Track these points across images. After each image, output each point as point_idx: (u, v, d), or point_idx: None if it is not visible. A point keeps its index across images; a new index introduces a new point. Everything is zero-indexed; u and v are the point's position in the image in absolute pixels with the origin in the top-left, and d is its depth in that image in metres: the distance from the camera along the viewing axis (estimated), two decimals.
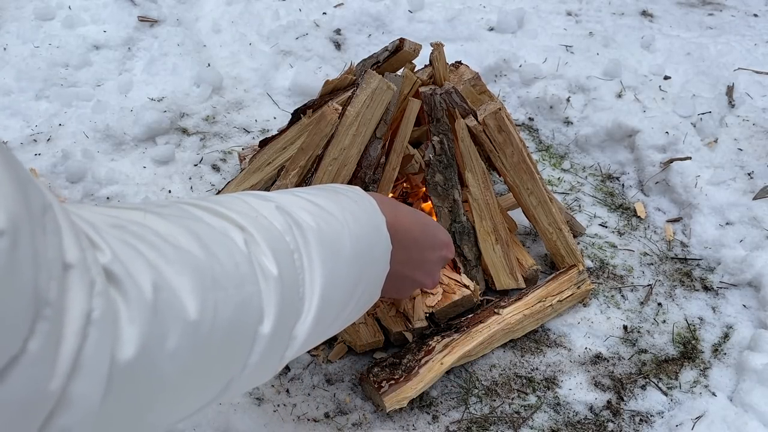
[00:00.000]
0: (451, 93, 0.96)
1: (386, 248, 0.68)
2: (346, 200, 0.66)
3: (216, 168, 1.26)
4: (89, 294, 0.34)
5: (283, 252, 0.52)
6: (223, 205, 0.53)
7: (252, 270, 0.49)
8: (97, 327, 0.34)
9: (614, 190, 1.30)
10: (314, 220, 0.58)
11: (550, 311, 1.03)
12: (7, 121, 1.30)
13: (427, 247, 0.78)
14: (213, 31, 1.55)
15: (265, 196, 0.58)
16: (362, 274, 0.63)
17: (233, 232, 0.50)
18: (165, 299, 0.40)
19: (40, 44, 1.46)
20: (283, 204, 0.57)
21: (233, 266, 0.47)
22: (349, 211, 0.63)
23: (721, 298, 1.11)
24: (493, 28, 1.61)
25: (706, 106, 1.40)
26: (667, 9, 1.78)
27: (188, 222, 0.47)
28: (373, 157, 0.92)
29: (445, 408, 0.93)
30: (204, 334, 0.42)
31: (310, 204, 0.60)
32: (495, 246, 1.02)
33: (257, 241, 0.51)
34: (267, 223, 0.53)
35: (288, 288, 0.52)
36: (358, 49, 1.54)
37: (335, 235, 0.59)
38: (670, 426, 0.92)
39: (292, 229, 0.55)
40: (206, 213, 0.50)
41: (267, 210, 0.55)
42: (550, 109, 1.43)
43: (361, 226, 0.64)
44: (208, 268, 0.45)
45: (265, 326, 0.49)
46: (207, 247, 0.46)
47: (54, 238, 0.33)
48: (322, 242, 0.57)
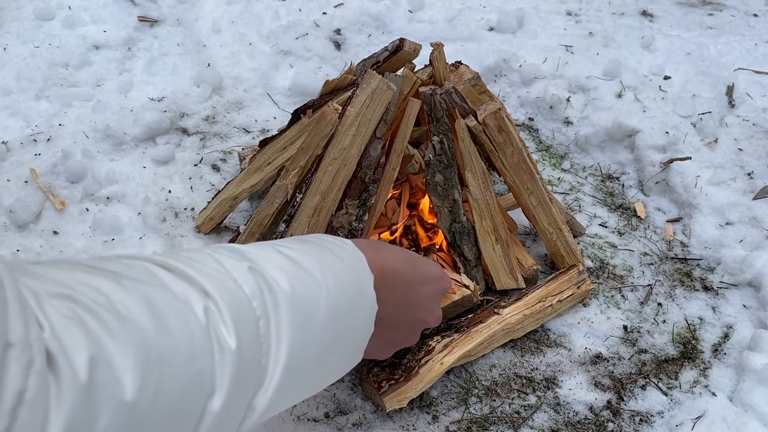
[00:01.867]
0: (451, 93, 0.96)
1: (370, 309, 0.65)
2: (331, 257, 0.63)
3: (216, 168, 1.26)
4: (25, 373, 0.33)
5: (246, 320, 0.50)
6: (192, 266, 0.51)
7: (208, 342, 0.47)
8: (28, 408, 0.33)
9: (614, 190, 1.30)
10: (289, 282, 0.55)
11: (550, 311, 1.03)
12: (7, 121, 1.30)
13: (419, 283, 0.75)
14: (213, 31, 1.55)
15: (242, 253, 0.56)
16: (339, 337, 0.61)
17: (195, 299, 0.48)
18: (101, 378, 0.38)
19: (40, 44, 1.46)
20: (257, 263, 0.55)
21: (186, 338, 0.45)
22: (330, 271, 0.61)
23: (721, 298, 1.11)
24: (493, 28, 1.61)
25: (706, 106, 1.40)
26: (667, 9, 1.78)
27: (147, 288, 0.46)
28: (373, 157, 0.92)
29: (445, 408, 0.93)
30: (141, 413, 0.41)
31: (288, 262, 0.58)
32: (495, 246, 1.02)
33: (220, 309, 0.49)
34: (235, 287, 0.51)
35: (247, 360, 0.50)
36: (358, 49, 1.54)
37: (310, 298, 0.57)
38: (670, 426, 0.92)
39: (263, 293, 0.53)
40: (171, 276, 0.49)
41: (238, 271, 0.53)
42: (550, 109, 1.43)
43: (343, 287, 0.61)
44: (156, 342, 0.43)
45: (216, 401, 0.47)
46: (161, 318, 0.44)
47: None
48: (293, 307, 0.54)
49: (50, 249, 1.08)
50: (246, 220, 1.15)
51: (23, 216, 1.10)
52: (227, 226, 1.16)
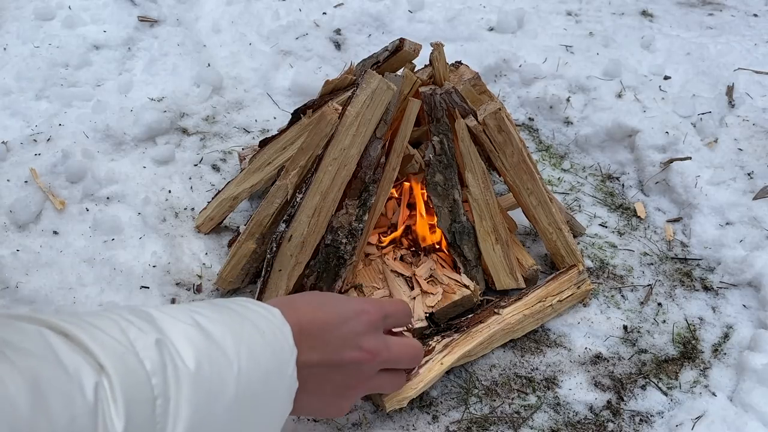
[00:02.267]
0: (451, 93, 0.96)
1: (289, 387, 0.62)
2: (251, 331, 0.59)
3: (216, 168, 1.26)
4: None
5: (140, 401, 0.48)
6: (94, 335, 0.48)
7: (92, 424, 0.44)
8: None
9: (614, 190, 1.30)
10: (196, 358, 0.53)
11: (550, 311, 1.03)
12: (7, 121, 1.30)
13: (339, 323, 0.70)
14: (213, 31, 1.55)
15: (152, 320, 0.53)
16: (247, 419, 0.58)
17: (86, 375, 0.45)
18: None
19: (40, 44, 1.46)
20: (167, 334, 0.52)
21: (66, 421, 0.43)
22: (246, 347, 0.58)
23: (721, 298, 1.11)
24: (493, 28, 1.61)
25: (706, 106, 1.40)
26: (667, 9, 1.78)
27: (35, 363, 0.43)
28: (373, 157, 0.92)
29: (445, 408, 0.93)
30: None
31: (200, 335, 0.55)
32: (495, 246, 1.02)
33: (113, 387, 0.46)
34: (134, 362, 0.49)
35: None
36: (358, 49, 1.54)
37: (217, 378, 0.54)
38: (670, 426, 0.92)
39: (165, 370, 0.50)
40: (67, 346, 0.46)
41: (143, 343, 0.50)
42: (550, 109, 1.43)
43: (258, 366, 0.58)
44: (29, 425, 0.40)
45: None
46: (41, 398, 0.42)
47: None
48: (197, 387, 0.52)
49: (50, 249, 1.08)
50: (246, 220, 1.15)
51: (23, 216, 1.10)
52: (227, 226, 1.16)
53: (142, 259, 1.07)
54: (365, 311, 0.73)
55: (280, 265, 0.95)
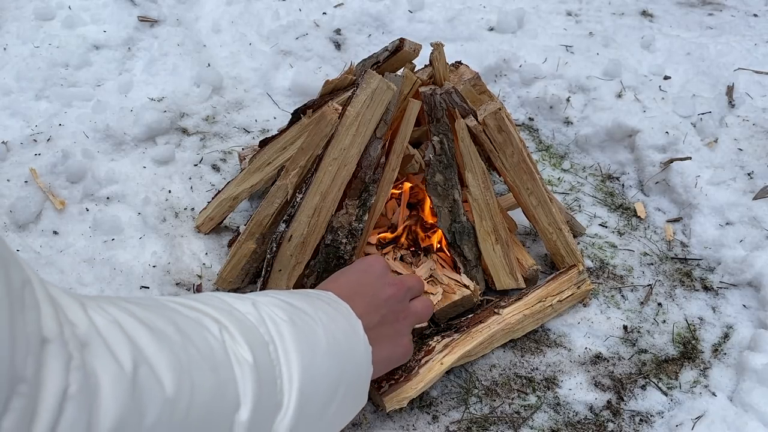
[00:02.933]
0: (451, 93, 0.96)
1: (365, 349, 0.69)
2: (319, 302, 0.67)
3: (216, 168, 1.26)
4: (66, 369, 0.34)
5: (257, 343, 0.53)
6: (198, 300, 0.54)
7: (227, 357, 0.49)
8: (74, 402, 0.34)
9: (614, 190, 1.30)
10: (287, 315, 0.59)
11: (550, 311, 1.03)
12: (7, 121, 1.30)
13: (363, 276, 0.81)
14: (213, 31, 1.55)
15: (240, 295, 0.60)
16: (343, 370, 0.63)
17: (208, 322, 0.51)
18: (144, 375, 0.40)
19: (40, 44, 1.46)
20: (257, 301, 0.59)
21: (208, 350, 0.47)
22: (322, 311, 0.65)
23: (721, 298, 1.11)
24: (493, 28, 1.61)
25: (706, 106, 1.40)
26: (667, 9, 1.78)
27: (165, 311, 0.48)
28: (373, 157, 0.92)
29: (445, 408, 0.93)
30: (181, 414, 0.42)
31: (282, 302, 0.61)
32: (495, 246, 1.02)
33: (231, 333, 0.51)
34: (241, 316, 0.54)
35: (264, 377, 0.52)
36: (358, 49, 1.54)
37: (309, 330, 0.60)
38: (670, 426, 0.92)
39: (266, 323, 0.56)
40: (181, 306, 0.51)
41: (241, 305, 0.56)
42: (550, 109, 1.43)
43: (336, 324, 0.65)
44: (184, 349, 0.45)
45: (242, 414, 0.48)
46: (183, 331, 0.46)
47: (32, 312, 0.33)
48: (296, 335, 0.57)
49: (50, 249, 1.08)
50: (246, 220, 1.15)
51: (23, 216, 1.10)
52: (227, 226, 1.16)
53: (142, 259, 1.08)
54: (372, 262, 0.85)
55: (280, 265, 0.95)
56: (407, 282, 0.85)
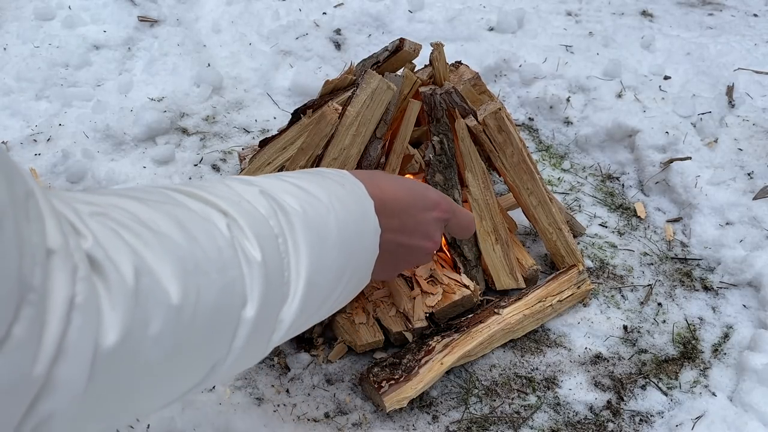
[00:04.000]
0: (451, 93, 0.96)
1: (374, 232, 0.67)
2: (333, 185, 0.65)
3: (216, 168, 1.26)
4: (72, 279, 0.34)
5: (266, 237, 0.52)
6: (207, 190, 0.52)
7: (235, 254, 0.48)
8: (81, 312, 0.34)
9: (614, 190, 1.30)
10: (299, 204, 0.58)
11: (550, 311, 1.03)
12: (7, 121, 1.30)
13: (418, 209, 0.76)
14: (213, 31, 1.55)
15: (250, 181, 0.58)
16: (350, 258, 0.63)
17: (216, 216, 0.50)
18: (146, 284, 0.40)
19: (40, 44, 1.46)
20: (267, 188, 0.57)
21: (215, 251, 0.47)
22: (335, 196, 0.63)
23: (721, 298, 1.11)
24: (493, 28, 1.61)
25: (706, 106, 1.40)
26: (667, 9, 1.78)
27: (169, 207, 0.47)
28: (373, 157, 0.92)
29: (445, 408, 0.93)
30: (187, 319, 0.42)
31: (295, 188, 0.60)
32: (495, 246, 1.02)
33: (240, 226, 0.50)
34: (250, 207, 0.53)
35: (272, 272, 0.51)
36: (358, 49, 1.54)
37: (321, 220, 0.59)
38: (670, 426, 0.92)
39: (277, 214, 0.55)
40: (189, 198, 0.50)
41: (251, 194, 0.55)
42: (550, 109, 1.43)
43: (348, 211, 0.64)
44: (189, 253, 0.44)
45: (249, 310, 0.48)
46: (188, 232, 0.46)
47: (37, 224, 0.33)
48: (307, 226, 0.57)
49: None
50: None
51: None
52: None
53: None
54: (441, 205, 0.78)
55: None
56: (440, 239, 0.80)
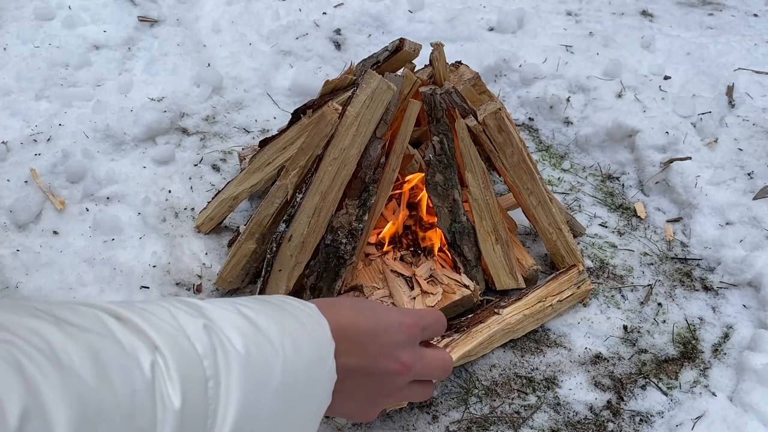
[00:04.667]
0: (451, 93, 0.96)
1: (329, 379, 0.64)
2: (292, 322, 0.61)
3: (216, 168, 1.26)
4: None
5: (195, 380, 0.49)
6: (144, 318, 0.50)
7: (151, 399, 0.46)
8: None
9: (614, 190, 1.30)
10: (244, 344, 0.54)
11: (550, 311, 1.03)
12: (7, 121, 1.30)
13: (380, 332, 0.70)
14: (213, 31, 1.55)
15: (199, 309, 0.55)
16: (292, 406, 0.60)
17: (143, 353, 0.47)
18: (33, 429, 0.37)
19: (40, 44, 1.46)
20: (214, 320, 0.54)
21: (128, 394, 0.44)
22: (289, 337, 0.59)
23: (721, 298, 1.11)
24: (493, 28, 1.61)
25: (706, 106, 1.40)
26: (667, 9, 1.78)
27: (93, 337, 0.45)
28: (373, 157, 0.92)
29: (445, 408, 0.93)
30: None
31: (246, 323, 0.57)
32: (495, 246, 1.02)
33: (168, 366, 0.48)
34: (187, 345, 0.50)
35: (190, 420, 0.49)
36: (358, 49, 1.54)
37: (265, 364, 0.56)
38: (670, 426, 0.92)
39: (216, 353, 0.52)
40: (121, 326, 0.48)
41: (193, 328, 0.52)
42: (550, 109, 1.42)
43: (301, 355, 0.60)
44: (95, 396, 0.42)
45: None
46: (104, 370, 0.43)
47: None
48: (246, 371, 0.53)
49: (50, 249, 1.08)
50: (246, 220, 1.15)
51: (23, 216, 1.10)
52: (227, 226, 1.16)
53: (142, 259, 1.07)
54: (405, 324, 0.73)
55: (280, 265, 0.95)
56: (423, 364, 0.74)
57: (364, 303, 0.74)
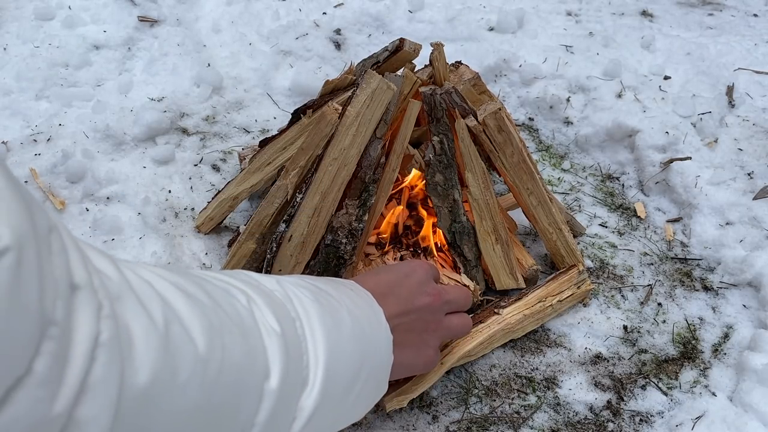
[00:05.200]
0: (451, 93, 0.96)
1: (387, 338, 0.68)
2: (343, 287, 0.67)
3: (216, 168, 1.26)
4: (96, 316, 0.33)
5: (284, 317, 0.53)
6: (225, 273, 0.54)
7: (255, 324, 0.49)
8: (106, 350, 0.33)
9: (614, 190, 1.30)
10: (313, 295, 0.59)
11: (550, 311, 1.03)
12: (7, 121, 1.30)
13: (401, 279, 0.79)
14: (213, 31, 1.55)
15: (265, 275, 0.60)
16: (366, 355, 0.63)
17: (236, 290, 0.51)
18: (176, 332, 0.40)
19: (40, 44, 1.46)
20: (282, 280, 0.59)
21: (237, 317, 0.47)
22: (347, 296, 0.65)
23: (721, 298, 1.11)
24: (493, 28, 1.61)
25: (706, 106, 1.40)
26: (667, 9, 1.78)
27: (192, 277, 0.48)
28: (373, 157, 0.92)
29: (445, 408, 0.93)
30: (213, 373, 0.42)
31: (307, 283, 0.61)
32: (495, 246, 1.02)
33: (259, 305, 0.51)
34: (268, 291, 0.54)
35: (291, 350, 0.52)
36: (358, 49, 1.54)
37: (335, 312, 0.60)
38: (670, 426, 0.92)
39: (292, 301, 0.56)
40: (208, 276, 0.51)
41: (267, 282, 0.56)
42: (550, 109, 1.42)
43: (361, 310, 0.65)
44: (215, 313, 0.45)
45: (272, 382, 0.48)
46: (212, 297, 0.46)
47: (60, 257, 0.33)
48: (323, 316, 0.57)
49: None
50: (246, 220, 1.15)
51: None
52: (227, 226, 1.16)
53: (142, 259, 1.07)
54: (419, 266, 0.82)
55: (280, 265, 0.95)
56: (448, 294, 0.82)
57: (377, 268, 0.83)
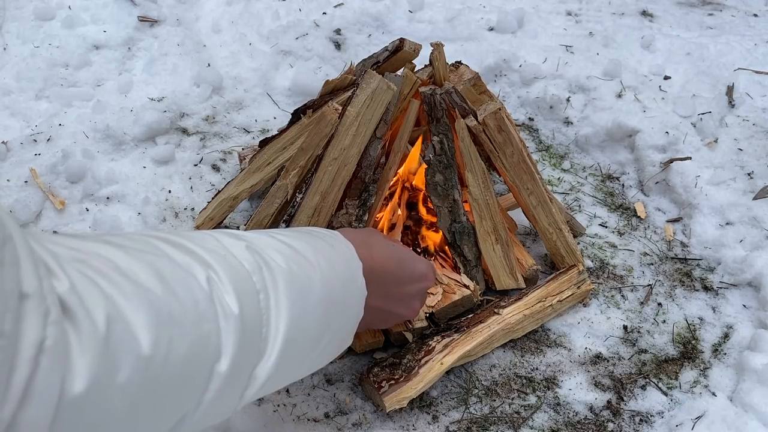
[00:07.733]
0: (451, 93, 0.96)
1: (360, 295, 0.69)
2: (323, 245, 0.66)
3: (216, 168, 1.26)
4: (43, 323, 0.34)
5: (247, 292, 0.52)
6: (193, 241, 0.53)
7: (212, 308, 0.49)
8: (49, 356, 0.34)
9: (614, 190, 1.30)
10: (285, 261, 0.58)
11: (550, 311, 1.03)
12: (7, 121, 1.30)
13: (404, 282, 0.79)
14: (213, 31, 1.55)
15: (238, 235, 0.58)
16: (332, 319, 0.63)
17: (196, 269, 0.50)
18: (118, 332, 0.40)
19: (40, 44, 1.46)
20: (254, 244, 0.57)
21: (192, 303, 0.47)
22: (323, 256, 0.64)
23: (721, 298, 1.11)
24: (493, 28, 1.61)
25: (706, 106, 1.40)
26: (667, 9, 1.78)
27: (151, 257, 0.47)
28: (373, 157, 0.92)
29: (445, 408, 0.93)
30: (156, 370, 0.42)
31: (282, 245, 0.60)
32: (495, 246, 1.02)
33: (221, 279, 0.51)
34: (235, 262, 0.53)
35: (249, 327, 0.52)
36: (358, 49, 1.54)
37: (306, 279, 0.59)
38: (670, 426, 0.92)
39: (261, 270, 0.55)
40: (173, 248, 0.51)
41: (237, 249, 0.55)
42: (550, 109, 1.43)
43: (335, 272, 0.64)
44: (165, 304, 0.45)
45: (222, 364, 0.49)
46: (166, 283, 0.46)
47: (11, 269, 0.34)
48: (291, 284, 0.57)
49: None
50: (246, 220, 1.15)
51: (23, 216, 1.10)
52: (227, 226, 1.16)
53: None
54: (426, 278, 0.83)
55: None
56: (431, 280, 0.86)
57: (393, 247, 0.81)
